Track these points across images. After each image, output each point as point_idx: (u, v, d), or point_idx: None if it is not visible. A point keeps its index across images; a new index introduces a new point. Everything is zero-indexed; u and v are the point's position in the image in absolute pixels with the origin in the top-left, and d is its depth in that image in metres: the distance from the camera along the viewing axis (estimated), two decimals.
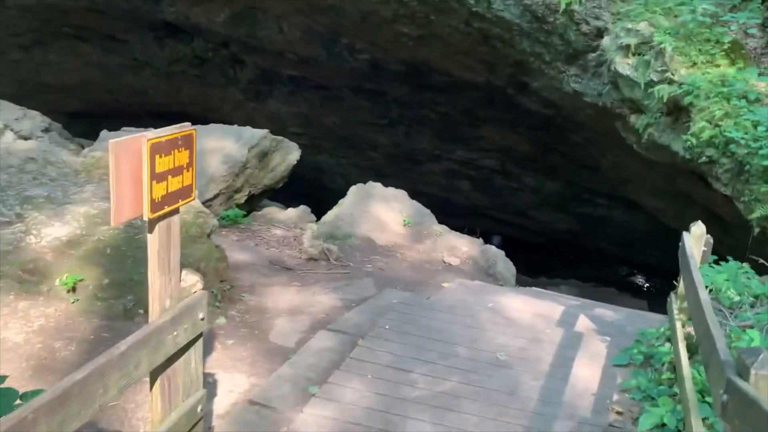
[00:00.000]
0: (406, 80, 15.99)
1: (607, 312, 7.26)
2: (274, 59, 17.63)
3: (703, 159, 8.62)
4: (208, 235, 6.09)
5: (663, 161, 10.06)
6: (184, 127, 2.76)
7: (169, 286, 2.83)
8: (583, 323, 5.98)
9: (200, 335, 3.16)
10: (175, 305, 2.87)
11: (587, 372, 4.87)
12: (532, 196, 18.90)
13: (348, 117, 19.12)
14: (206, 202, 8.80)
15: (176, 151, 2.66)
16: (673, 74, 9.01)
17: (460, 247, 9.02)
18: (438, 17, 12.05)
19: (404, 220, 9.12)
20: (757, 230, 8.06)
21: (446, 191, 20.53)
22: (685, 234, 4.85)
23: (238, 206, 9.68)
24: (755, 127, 8.01)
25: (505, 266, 9.29)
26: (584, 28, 10.42)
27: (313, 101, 19.34)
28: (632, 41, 9.52)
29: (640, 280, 26.48)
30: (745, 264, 6.64)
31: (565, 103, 12.09)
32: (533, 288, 9.15)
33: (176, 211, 2.80)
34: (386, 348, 5.06)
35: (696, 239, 4.78)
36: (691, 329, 4.50)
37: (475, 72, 13.56)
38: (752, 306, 5.43)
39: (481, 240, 9.62)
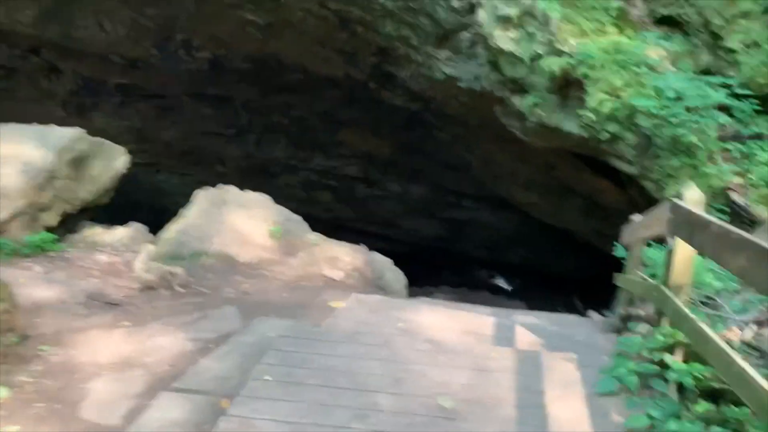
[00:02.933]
0: (255, 81, 14.02)
1: (533, 320, 5.83)
2: (97, 64, 14.89)
3: (604, 136, 7.54)
4: None
5: (551, 145, 8.97)
6: None
7: None
8: (525, 337, 4.46)
9: None
10: None
11: (569, 411, 3.29)
12: (397, 204, 17.59)
13: (189, 128, 16.73)
14: None
15: None
16: (562, 45, 7.90)
17: (342, 257, 7.26)
18: None
19: (271, 230, 7.18)
20: None
21: (306, 205, 18.63)
22: (675, 202, 3.43)
23: (49, 230, 7.24)
24: (660, 94, 7.03)
25: (395, 276, 7.66)
26: (455, 2, 9.14)
27: (146, 113, 16.72)
28: (512, 11, 8.33)
29: (501, 281, 26.25)
30: None
31: (436, 92, 10.78)
32: (431, 299, 7.61)
33: None
34: (271, 413, 3.14)
35: (695, 205, 3.38)
36: (731, 333, 3.08)
37: (333, 65, 11.94)
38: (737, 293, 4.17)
39: (364, 247, 7.90)
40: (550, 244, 17.00)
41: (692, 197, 3.43)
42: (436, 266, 24.18)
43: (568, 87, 8.12)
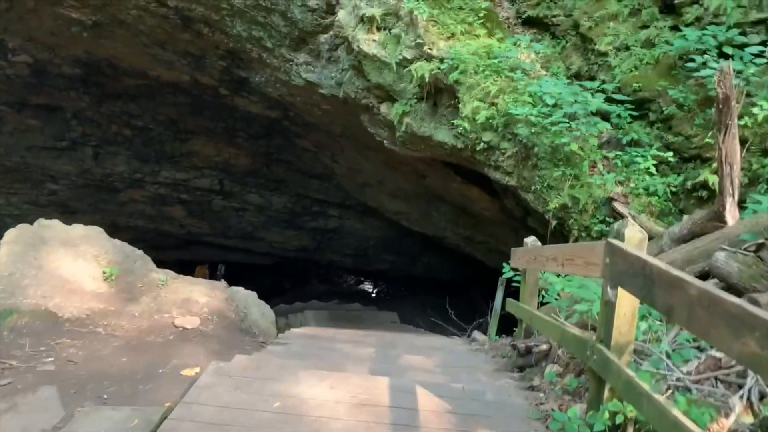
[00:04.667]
0: (86, 88, 12.20)
1: (426, 362, 5.05)
2: None
3: (481, 146, 6.96)
4: None
5: (423, 155, 8.30)
6: None
7: None
8: (430, 404, 3.62)
9: None
10: None
11: None
12: (257, 215, 16.33)
13: (13, 142, 14.40)
14: None
15: None
16: (431, 48, 7.23)
17: (196, 298, 6.04)
18: None
19: (105, 272, 5.82)
20: (554, 223, 6.60)
21: (156, 221, 16.89)
22: (616, 244, 2.73)
23: None
24: (535, 103, 6.55)
25: (261, 312, 6.58)
26: (312, 2, 8.19)
27: None
28: (376, 12, 7.56)
29: (368, 286, 25.75)
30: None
31: (296, 99, 9.78)
32: (304, 332, 6.59)
33: None
34: None
35: (637, 246, 2.70)
36: (718, 426, 2.40)
37: (177, 69, 10.53)
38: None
39: (223, 283, 6.70)
40: (418, 249, 16.60)
41: (633, 237, 2.75)
42: (302, 276, 23.14)
43: (440, 94, 7.49)
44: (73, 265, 5.75)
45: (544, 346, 4.80)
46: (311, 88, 8.98)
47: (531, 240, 4.99)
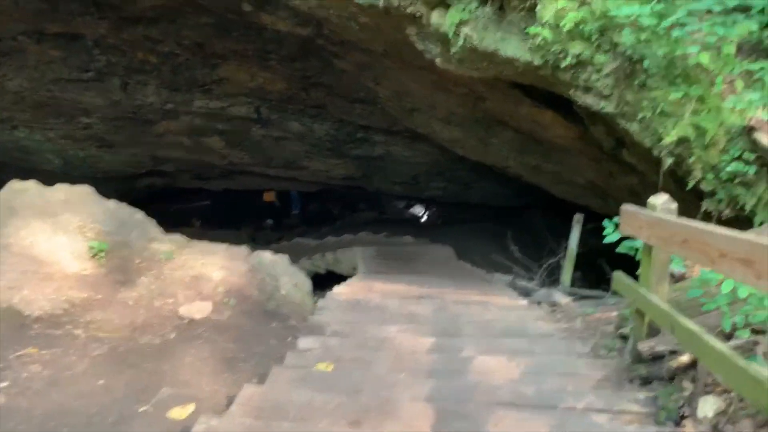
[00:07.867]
0: (101, 12, 10.62)
1: (509, 369, 3.57)
2: None
3: (568, 60, 5.14)
4: None
5: (486, 75, 6.50)
6: None
7: None
8: None
9: None
10: None
11: None
12: (299, 144, 14.80)
13: (38, 76, 13.11)
14: None
15: None
16: None
17: (210, 274, 4.67)
18: None
19: (92, 247, 4.48)
20: (670, 161, 4.86)
21: (196, 152, 15.62)
22: None
23: None
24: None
25: (294, 283, 5.17)
26: None
27: None
28: None
29: (419, 210, 24.26)
30: None
31: (328, 12, 7.96)
32: (347, 299, 5.17)
33: None
34: None
35: None
36: None
37: None
38: None
39: (245, 250, 5.27)
40: (473, 175, 14.90)
41: None
42: (350, 201, 21.83)
43: None
44: (51, 241, 4.40)
45: (684, 358, 3.24)
46: None
47: (662, 203, 3.30)
